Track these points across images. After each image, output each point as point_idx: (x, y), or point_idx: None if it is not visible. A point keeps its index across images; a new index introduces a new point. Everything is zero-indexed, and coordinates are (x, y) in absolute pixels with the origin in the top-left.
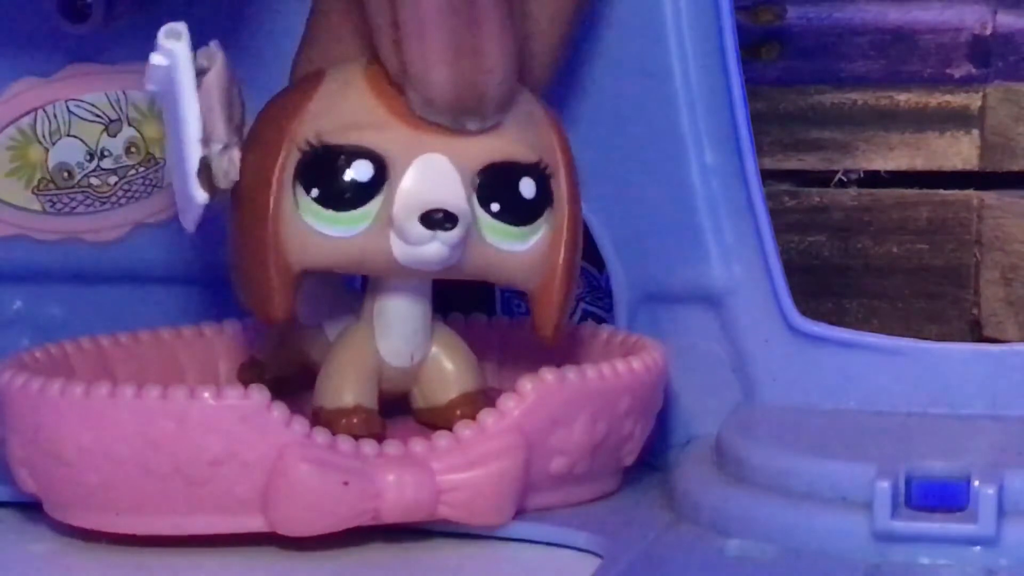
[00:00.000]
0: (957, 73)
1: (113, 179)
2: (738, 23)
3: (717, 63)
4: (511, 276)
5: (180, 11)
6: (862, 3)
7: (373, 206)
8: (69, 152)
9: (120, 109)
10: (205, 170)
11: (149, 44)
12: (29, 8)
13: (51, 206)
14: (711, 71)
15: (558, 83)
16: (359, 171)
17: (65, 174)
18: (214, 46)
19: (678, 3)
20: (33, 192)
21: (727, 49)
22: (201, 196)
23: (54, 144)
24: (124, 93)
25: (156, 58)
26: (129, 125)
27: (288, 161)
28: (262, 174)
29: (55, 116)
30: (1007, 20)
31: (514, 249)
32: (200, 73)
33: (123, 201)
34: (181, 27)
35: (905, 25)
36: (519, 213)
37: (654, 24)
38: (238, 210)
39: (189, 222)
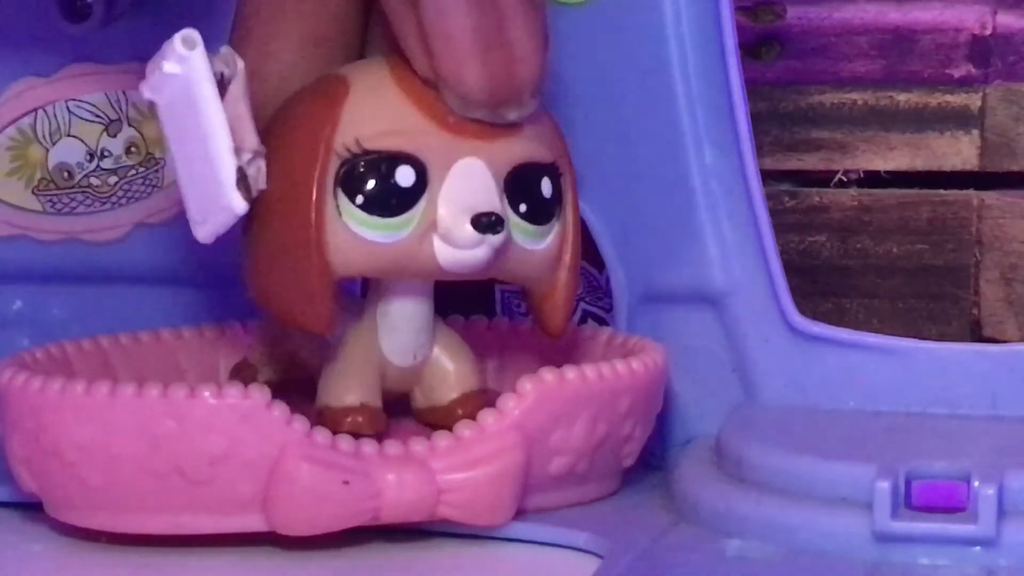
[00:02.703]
0: (957, 73)
1: (113, 179)
2: (738, 23)
3: (717, 63)
4: (529, 274)
5: (179, 11)
6: (862, 3)
7: (416, 211)
8: (69, 152)
9: (120, 109)
10: (243, 180)
11: (149, 44)
12: (29, 8)
13: (51, 206)
14: (711, 71)
15: (558, 84)
16: (402, 177)
17: (65, 174)
18: (227, 51)
19: (678, 3)
20: (33, 192)
21: (727, 49)
22: (241, 206)
23: (54, 144)
24: (124, 93)
25: (169, 67)
26: (129, 125)
27: (328, 168)
28: (299, 182)
29: (55, 116)
30: (1007, 20)
31: (535, 248)
32: (220, 81)
33: (123, 201)
34: (196, 35)
35: (905, 25)
36: (541, 213)
37: (654, 24)
38: (270, 221)
39: (210, 233)
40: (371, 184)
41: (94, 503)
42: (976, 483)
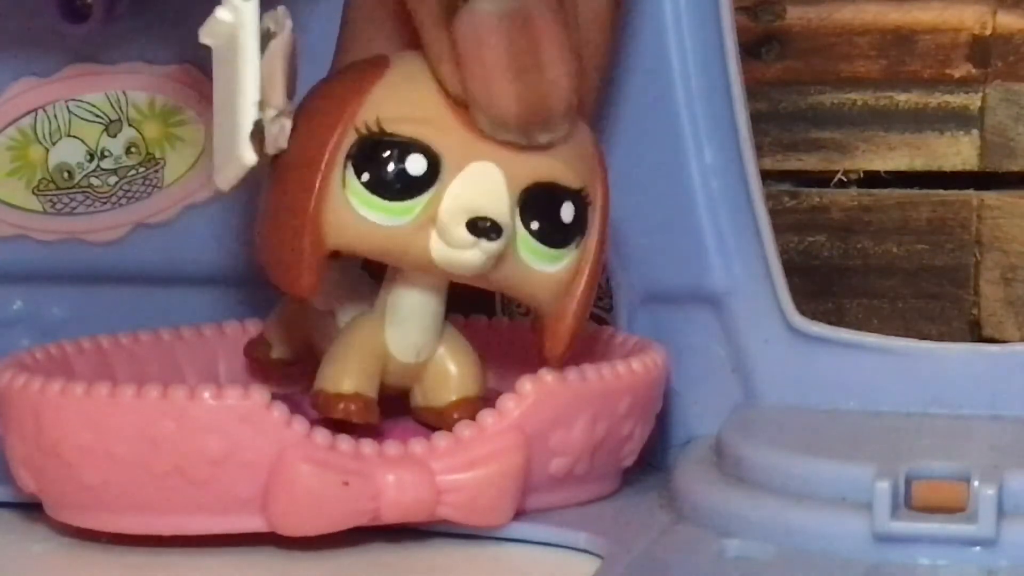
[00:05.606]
0: (957, 73)
1: (113, 179)
2: (738, 23)
3: (717, 63)
4: (534, 295)
5: (179, 11)
6: (862, 3)
7: (419, 202)
8: (69, 152)
9: (120, 109)
10: (258, 133)
11: (149, 44)
12: (29, 8)
13: (51, 206)
14: (711, 71)
15: None
16: (413, 164)
17: (65, 174)
18: (281, 10)
19: (678, 3)
20: (33, 192)
21: (727, 49)
22: (250, 157)
23: (54, 144)
24: (124, 93)
25: (221, 12)
26: (129, 125)
27: (343, 140)
28: (314, 148)
29: (55, 116)
30: (1007, 20)
31: (544, 270)
32: (265, 36)
33: (123, 201)
34: None
35: (905, 25)
36: (556, 236)
37: (654, 24)
38: (280, 180)
39: (225, 180)
40: (380, 165)
41: (94, 503)
42: (976, 483)
